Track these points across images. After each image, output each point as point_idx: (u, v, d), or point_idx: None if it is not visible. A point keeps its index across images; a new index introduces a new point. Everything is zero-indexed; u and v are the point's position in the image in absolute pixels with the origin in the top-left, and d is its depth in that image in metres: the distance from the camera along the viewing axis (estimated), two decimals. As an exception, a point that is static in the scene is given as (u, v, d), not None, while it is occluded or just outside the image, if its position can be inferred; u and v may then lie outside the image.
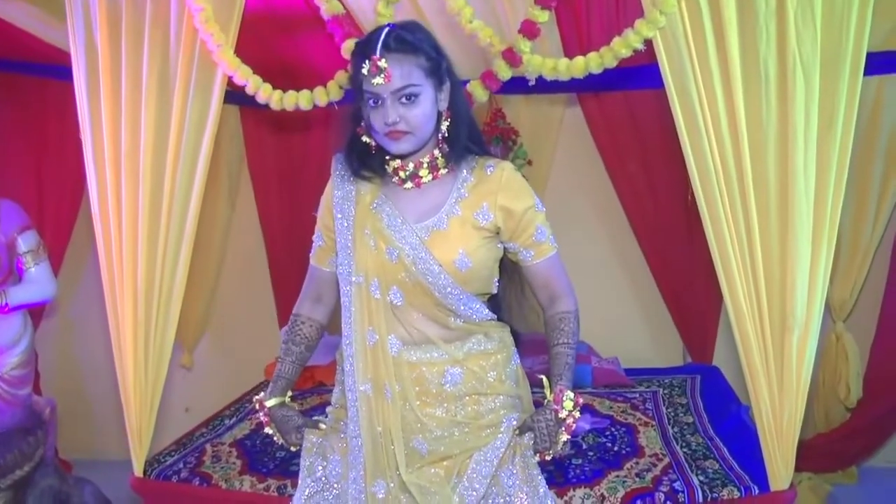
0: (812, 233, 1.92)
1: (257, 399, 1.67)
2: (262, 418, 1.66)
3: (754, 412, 2.06)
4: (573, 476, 2.28)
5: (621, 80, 2.91)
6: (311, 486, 1.54)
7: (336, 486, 1.53)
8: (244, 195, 3.82)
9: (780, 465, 2.04)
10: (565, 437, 1.49)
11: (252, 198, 3.79)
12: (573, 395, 1.48)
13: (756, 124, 1.92)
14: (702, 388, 3.10)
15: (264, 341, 3.63)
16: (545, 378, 1.52)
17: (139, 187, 2.26)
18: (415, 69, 1.39)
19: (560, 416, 1.47)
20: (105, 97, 2.25)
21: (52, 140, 3.20)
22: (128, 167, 2.26)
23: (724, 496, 2.12)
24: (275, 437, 1.67)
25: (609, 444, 2.53)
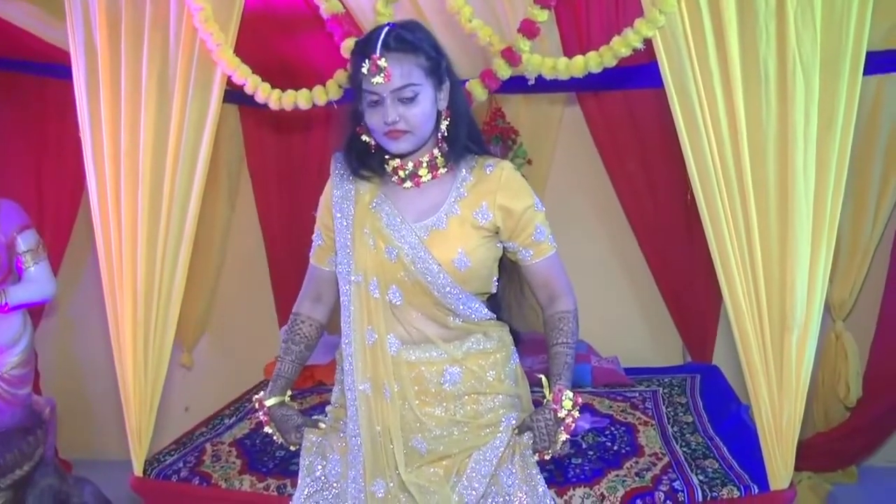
0: (812, 232, 1.92)
1: (257, 398, 1.67)
2: (261, 417, 1.66)
3: (754, 411, 2.06)
4: (573, 475, 2.28)
5: (621, 80, 2.91)
6: (311, 486, 1.54)
7: (335, 485, 1.53)
8: (244, 195, 3.82)
9: (779, 465, 2.04)
10: (564, 437, 1.49)
11: (252, 197, 3.78)
12: (572, 395, 1.48)
13: (756, 124, 1.92)
14: (701, 387, 3.10)
15: (264, 341, 3.63)
16: (544, 378, 1.52)
17: (139, 186, 2.26)
18: (414, 68, 1.39)
19: (559, 415, 1.47)
20: (104, 97, 2.25)
21: (52, 140, 3.20)
22: (127, 166, 2.26)
23: (723, 495, 2.12)
24: (274, 437, 1.67)
25: (609, 444, 2.53)
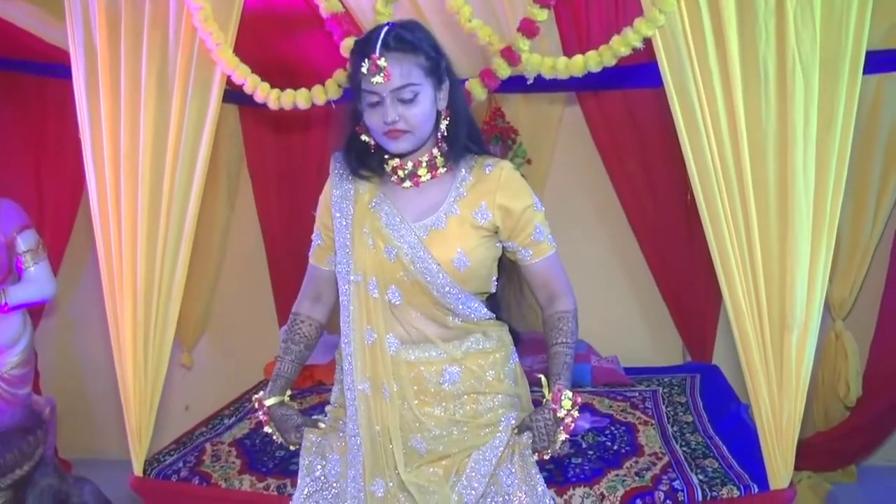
0: (811, 231, 1.91)
1: (256, 398, 1.67)
2: (261, 417, 1.66)
3: (754, 411, 2.06)
4: (573, 475, 2.28)
5: (620, 79, 2.91)
6: (311, 486, 1.54)
7: (335, 485, 1.53)
8: (243, 194, 3.81)
9: (779, 464, 2.03)
10: (563, 437, 1.49)
11: (251, 197, 3.78)
12: (572, 395, 1.48)
13: (755, 123, 1.92)
14: (701, 386, 3.10)
15: (264, 341, 3.63)
16: (544, 377, 1.52)
17: (138, 186, 2.26)
18: (414, 68, 1.39)
19: (558, 415, 1.47)
20: (104, 96, 2.25)
21: (52, 140, 3.20)
22: (127, 166, 2.26)
23: (723, 495, 2.12)
24: (274, 437, 1.67)
25: (609, 443, 2.53)
